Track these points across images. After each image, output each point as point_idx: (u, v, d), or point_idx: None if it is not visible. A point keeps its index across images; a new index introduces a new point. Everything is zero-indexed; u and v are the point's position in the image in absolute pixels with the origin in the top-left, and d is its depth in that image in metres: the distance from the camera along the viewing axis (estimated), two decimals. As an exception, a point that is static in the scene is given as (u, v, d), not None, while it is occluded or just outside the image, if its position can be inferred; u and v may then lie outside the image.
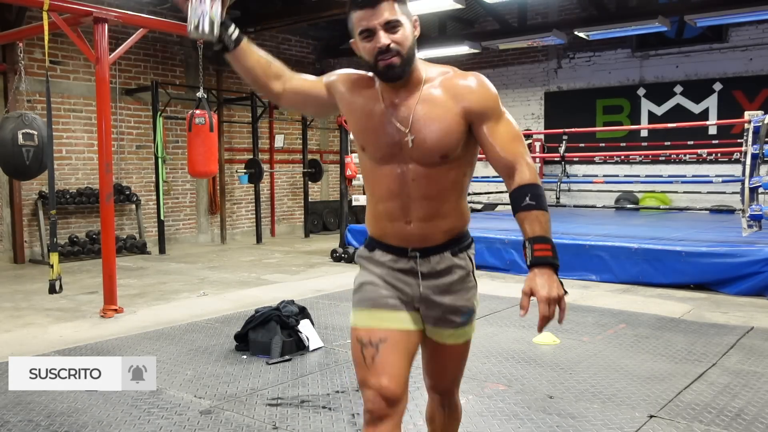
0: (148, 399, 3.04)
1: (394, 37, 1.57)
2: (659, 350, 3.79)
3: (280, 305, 4.00)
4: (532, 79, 11.26)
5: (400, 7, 1.59)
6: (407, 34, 1.60)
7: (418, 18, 1.68)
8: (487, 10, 8.55)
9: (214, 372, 3.46)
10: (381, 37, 1.56)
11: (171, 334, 4.27)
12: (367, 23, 1.57)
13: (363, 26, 1.58)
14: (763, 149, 5.95)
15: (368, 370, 1.67)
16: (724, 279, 5.47)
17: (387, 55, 1.57)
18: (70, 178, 8.29)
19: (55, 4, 4.65)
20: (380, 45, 1.56)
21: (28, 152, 5.20)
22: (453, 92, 1.63)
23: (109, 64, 4.95)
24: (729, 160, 9.06)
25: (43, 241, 7.89)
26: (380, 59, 1.58)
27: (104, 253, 4.94)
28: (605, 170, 10.43)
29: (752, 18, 7.86)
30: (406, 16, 1.61)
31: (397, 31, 1.57)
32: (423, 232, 1.68)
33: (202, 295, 5.66)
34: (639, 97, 10.23)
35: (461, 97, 1.62)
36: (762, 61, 9.23)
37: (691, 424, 2.69)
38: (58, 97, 7.86)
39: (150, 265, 7.58)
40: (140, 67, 9.01)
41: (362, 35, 1.59)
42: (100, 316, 4.80)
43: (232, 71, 7.84)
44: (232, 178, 10.25)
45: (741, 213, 6.15)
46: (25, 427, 2.74)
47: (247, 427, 2.73)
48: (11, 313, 5.03)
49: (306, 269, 7.06)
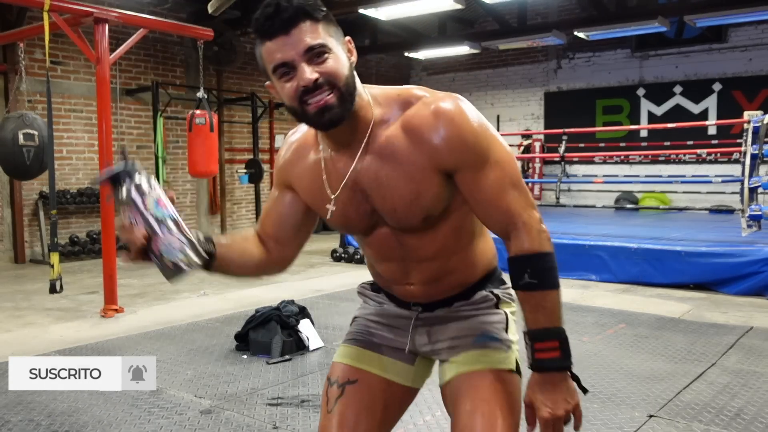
0: (149, 399, 3.05)
1: (323, 67, 1.12)
2: (659, 350, 3.80)
3: (280, 305, 4.00)
4: (531, 79, 11.27)
5: (325, 27, 1.14)
6: (341, 60, 1.15)
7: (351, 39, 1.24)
8: (487, 10, 8.55)
9: (214, 372, 3.46)
10: (304, 71, 1.11)
11: (171, 334, 4.27)
12: (282, 56, 1.12)
13: (277, 60, 1.13)
14: (763, 149, 5.95)
15: (325, 416, 1.36)
16: (723, 279, 5.48)
17: (316, 94, 1.13)
18: (71, 178, 8.29)
19: (56, 5, 4.66)
20: (304, 82, 1.11)
21: (28, 152, 5.21)
22: (417, 139, 1.18)
23: (110, 65, 4.95)
24: (728, 160, 9.07)
25: (44, 241, 7.90)
26: (308, 101, 1.13)
27: (105, 253, 4.94)
28: (605, 170, 10.44)
29: (752, 18, 7.87)
30: (334, 38, 1.16)
31: (326, 59, 1.13)
32: (428, 292, 1.37)
33: (202, 295, 5.66)
34: (639, 97, 10.24)
35: (428, 147, 1.17)
36: (761, 62, 9.24)
37: (691, 424, 2.70)
38: (58, 97, 7.86)
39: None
40: (140, 67, 9.01)
41: (278, 73, 1.14)
42: (101, 316, 4.81)
43: (232, 71, 7.87)
44: (233, 178, 10.26)
45: (740, 213, 6.16)
46: (26, 426, 2.75)
47: (248, 426, 2.73)
48: (12, 312, 5.03)
49: (306, 269, 7.06)
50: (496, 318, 1.37)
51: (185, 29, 6.05)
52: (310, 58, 1.12)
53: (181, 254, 1.17)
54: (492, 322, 1.36)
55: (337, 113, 1.15)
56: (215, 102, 9.51)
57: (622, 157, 10.09)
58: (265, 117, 10.30)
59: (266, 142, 10.58)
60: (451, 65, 11.70)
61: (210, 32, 5.80)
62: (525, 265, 1.19)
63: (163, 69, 9.29)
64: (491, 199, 1.19)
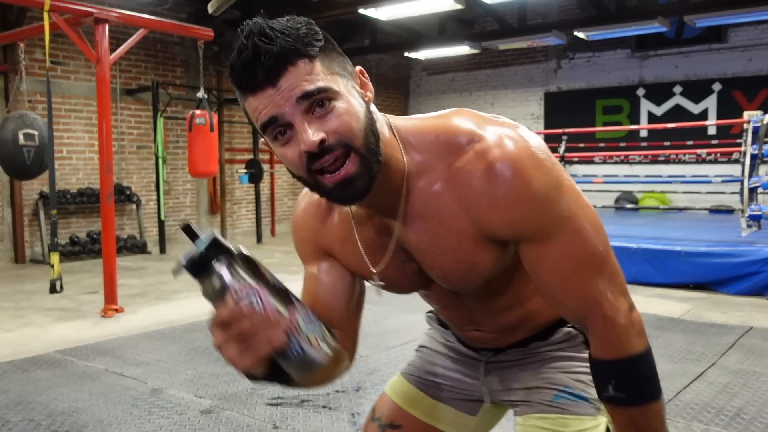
0: (149, 398, 3.05)
1: (330, 123, 0.83)
2: (658, 350, 3.80)
3: (280, 305, 4.01)
4: (531, 80, 11.27)
5: (326, 63, 0.85)
6: (353, 106, 0.85)
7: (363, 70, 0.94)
8: (487, 10, 8.56)
9: (214, 371, 3.46)
10: (304, 131, 0.82)
11: (172, 334, 4.28)
12: (274, 110, 0.83)
13: (265, 117, 0.84)
14: (762, 149, 5.96)
15: None
16: (723, 279, 5.48)
17: (328, 161, 0.84)
18: (71, 178, 8.29)
19: (56, 5, 4.66)
20: (307, 147, 0.83)
21: (28, 152, 5.21)
22: (465, 203, 0.91)
23: (110, 65, 4.95)
24: (728, 160, 9.07)
25: (44, 241, 7.90)
26: (319, 172, 0.86)
27: (105, 252, 4.94)
28: (605, 170, 10.44)
29: (751, 18, 7.87)
30: (339, 75, 0.86)
31: (332, 108, 0.84)
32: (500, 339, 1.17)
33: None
34: (638, 97, 10.24)
35: (479, 215, 0.91)
36: (761, 62, 9.24)
37: (691, 424, 2.70)
38: (58, 97, 7.87)
39: (150, 265, 7.59)
40: (141, 67, 9.01)
41: (270, 133, 0.86)
42: (101, 315, 4.81)
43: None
44: (233, 178, 10.26)
45: (740, 213, 6.16)
46: (26, 426, 2.75)
47: (248, 426, 2.73)
48: (12, 312, 5.03)
49: (306, 269, 7.06)
50: (582, 364, 1.10)
51: (185, 29, 6.05)
52: (308, 109, 0.83)
53: (320, 338, 0.83)
54: (577, 370, 1.11)
55: (361, 185, 0.86)
56: (215, 102, 9.52)
57: (622, 157, 10.10)
58: (265, 117, 10.30)
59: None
60: (451, 65, 11.70)
61: (210, 32, 5.80)
62: (608, 375, 0.93)
63: (164, 69, 9.29)
64: (560, 282, 0.92)
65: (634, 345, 0.92)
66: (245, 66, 0.83)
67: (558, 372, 1.12)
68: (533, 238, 0.91)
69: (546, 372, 1.13)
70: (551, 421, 1.08)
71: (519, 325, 1.13)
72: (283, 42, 0.81)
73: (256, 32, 0.82)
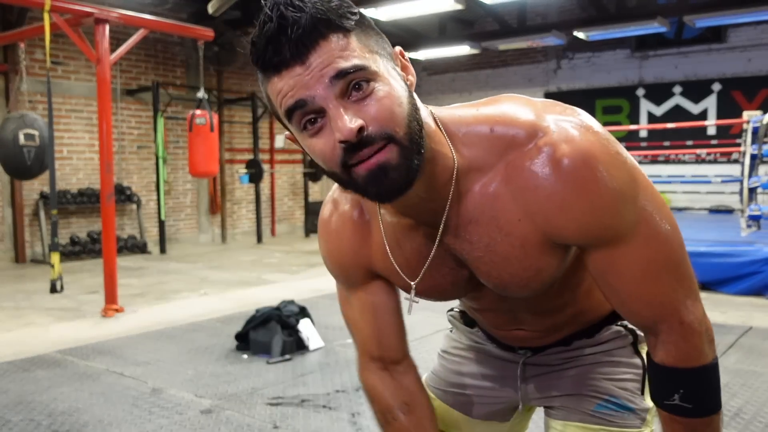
0: (149, 398, 3.06)
1: (369, 108, 0.71)
2: (658, 350, 3.80)
3: (280, 305, 4.02)
4: (531, 80, 11.28)
5: (362, 40, 0.73)
6: (395, 90, 0.73)
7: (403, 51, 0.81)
8: (487, 10, 8.57)
9: (214, 371, 3.47)
10: (342, 119, 0.70)
11: (172, 334, 4.28)
12: (302, 93, 0.71)
13: (293, 100, 0.72)
14: (762, 149, 5.97)
15: None
16: (722, 279, 5.48)
17: (367, 155, 0.72)
18: (71, 178, 8.30)
19: (57, 5, 4.67)
20: (344, 136, 0.70)
21: (29, 152, 5.22)
22: (528, 206, 0.81)
23: (110, 65, 4.96)
24: (728, 160, 9.08)
25: (45, 241, 7.90)
26: (355, 164, 0.73)
27: (105, 252, 4.95)
28: (605, 170, 10.45)
29: (751, 19, 7.88)
30: (378, 54, 0.75)
31: (371, 91, 0.72)
32: (543, 338, 1.07)
33: (202, 294, 5.67)
34: (638, 97, 10.25)
35: (545, 217, 0.80)
36: (761, 62, 9.24)
37: (689, 423, 2.70)
38: (59, 97, 7.88)
39: (151, 265, 7.60)
40: (141, 67, 9.02)
41: (296, 121, 0.74)
42: (101, 315, 4.82)
43: (232, 72, 7.86)
44: (233, 178, 10.27)
45: (740, 213, 6.17)
46: (27, 426, 2.75)
47: (248, 426, 2.74)
48: (12, 312, 5.04)
49: (306, 269, 7.07)
50: (629, 370, 1.02)
51: (186, 30, 6.06)
52: (344, 92, 0.71)
53: None
54: (623, 377, 1.01)
55: (398, 177, 0.73)
56: (215, 102, 9.53)
57: (622, 157, 10.10)
58: (265, 117, 10.31)
59: (266, 142, 10.59)
60: (451, 65, 11.71)
61: (210, 32, 5.81)
62: (677, 383, 0.85)
63: (164, 69, 9.30)
64: (633, 289, 0.83)
65: (707, 354, 0.85)
66: (269, 40, 0.70)
67: (603, 379, 1.02)
68: (607, 242, 0.80)
69: (588, 378, 1.03)
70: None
71: (567, 322, 1.03)
72: (314, 11, 0.70)
73: (282, 1, 0.70)
